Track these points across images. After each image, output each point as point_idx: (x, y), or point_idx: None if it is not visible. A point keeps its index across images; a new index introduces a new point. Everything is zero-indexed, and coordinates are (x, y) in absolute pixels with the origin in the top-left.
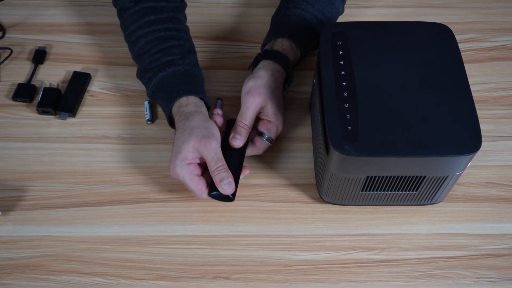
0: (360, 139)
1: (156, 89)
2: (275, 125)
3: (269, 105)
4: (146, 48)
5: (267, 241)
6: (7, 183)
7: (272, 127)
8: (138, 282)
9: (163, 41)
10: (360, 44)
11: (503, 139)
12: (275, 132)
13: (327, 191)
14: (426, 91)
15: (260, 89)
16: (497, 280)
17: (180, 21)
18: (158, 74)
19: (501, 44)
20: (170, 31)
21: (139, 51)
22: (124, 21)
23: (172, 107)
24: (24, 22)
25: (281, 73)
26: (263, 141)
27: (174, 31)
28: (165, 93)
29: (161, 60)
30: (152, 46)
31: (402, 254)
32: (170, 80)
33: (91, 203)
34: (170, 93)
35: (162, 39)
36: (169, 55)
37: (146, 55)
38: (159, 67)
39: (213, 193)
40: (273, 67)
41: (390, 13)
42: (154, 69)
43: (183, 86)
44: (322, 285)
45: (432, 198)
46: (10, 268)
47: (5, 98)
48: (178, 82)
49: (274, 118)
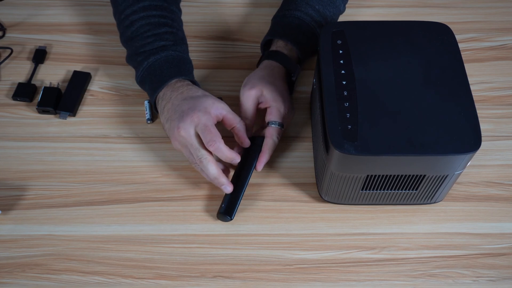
0: (360, 138)
1: (147, 71)
2: (275, 108)
3: (265, 92)
4: (140, 32)
5: (267, 240)
6: (7, 182)
7: (273, 110)
8: (138, 281)
9: (157, 27)
10: (360, 44)
11: (503, 139)
12: (279, 114)
13: (327, 190)
14: (426, 90)
15: (252, 81)
16: (497, 279)
17: (173, 12)
18: (151, 57)
19: (501, 44)
20: (164, 18)
21: (132, 34)
22: (118, 6)
23: (163, 88)
24: (25, 22)
25: (277, 66)
26: (271, 128)
27: (168, 19)
28: (156, 75)
29: (154, 45)
30: (146, 30)
31: (402, 253)
32: (162, 64)
33: (91, 202)
34: (162, 76)
35: (156, 24)
36: (163, 40)
37: (139, 38)
38: (152, 51)
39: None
40: (269, 64)
41: (390, 12)
42: (146, 53)
43: (175, 69)
44: (322, 285)
45: (432, 198)
46: (10, 267)
47: (5, 98)
48: (171, 66)
49: (272, 101)
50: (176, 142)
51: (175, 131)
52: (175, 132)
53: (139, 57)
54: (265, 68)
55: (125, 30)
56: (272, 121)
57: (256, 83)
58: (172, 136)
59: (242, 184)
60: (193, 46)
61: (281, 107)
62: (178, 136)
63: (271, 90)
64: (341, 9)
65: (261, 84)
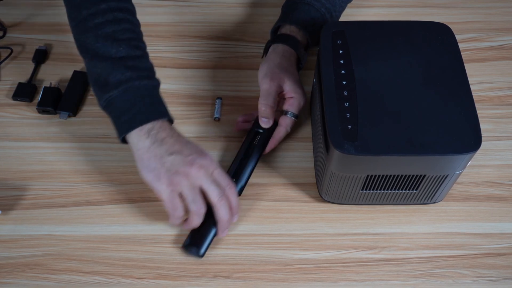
0: (360, 138)
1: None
2: (296, 100)
3: (287, 82)
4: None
5: (267, 240)
6: (7, 182)
7: (294, 102)
8: (138, 281)
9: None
10: (360, 44)
11: (503, 139)
12: (298, 106)
13: (327, 190)
14: (426, 90)
15: (274, 70)
16: (497, 279)
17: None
18: (113, 92)
19: (501, 44)
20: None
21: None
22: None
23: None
24: (25, 22)
25: (291, 53)
26: (287, 118)
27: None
28: (124, 113)
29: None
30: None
31: (402, 253)
32: (133, 105)
33: (91, 202)
34: (136, 120)
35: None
36: (137, 70)
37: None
38: (117, 83)
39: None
40: (282, 49)
41: (390, 12)
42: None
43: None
44: (322, 284)
45: (432, 197)
46: (10, 267)
47: (5, 98)
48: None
49: (293, 93)
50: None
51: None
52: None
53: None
54: (282, 54)
55: (75, 15)
56: (290, 111)
57: (277, 72)
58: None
59: (251, 166)
60: (193, 46)
61: (301, 100)
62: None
63: (293, 81)
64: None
65: (281, 74)
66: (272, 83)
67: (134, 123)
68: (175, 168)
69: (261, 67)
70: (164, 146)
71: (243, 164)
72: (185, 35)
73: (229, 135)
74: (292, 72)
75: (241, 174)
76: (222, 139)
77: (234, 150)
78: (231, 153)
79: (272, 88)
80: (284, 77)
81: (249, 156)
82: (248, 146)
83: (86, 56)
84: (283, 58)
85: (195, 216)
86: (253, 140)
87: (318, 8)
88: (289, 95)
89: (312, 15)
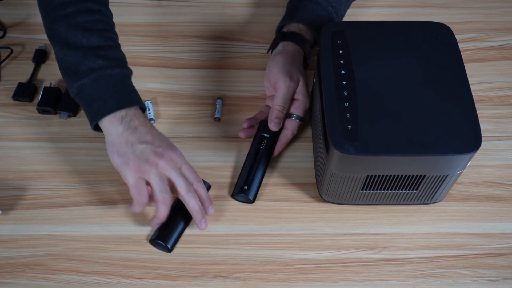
0: (360, 138)
1: (85, 97)
2: (303, 103)
3: (301, 84)
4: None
5: (267, 240)
6: (7, 182)
7: (300, 105)
8: (138, 281)
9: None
10: (360, 44)
11: (503, 139)
12: (304, 109)
13: (327, 190)
14: (426, 90)
15: (290, 71)
16: (497, 279)
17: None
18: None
19: (501, 44)
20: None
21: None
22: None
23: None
24: (25, 22)
25: (300, 52)
26: (293, 121)
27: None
28: (94, 101)
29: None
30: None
31: (402, 253)
32: (102, 93)
33: (91, 202)
34: (107, 107)
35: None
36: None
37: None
38: (87, 71)
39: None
40: (292, 48)
41: (390, 12)
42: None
43: (115, 101)
44: (322, 284)
45: (432, 198)
46: (10, 267)
47: (5, 98)
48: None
49: (302, 96)
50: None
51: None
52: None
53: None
54: (293, 53)
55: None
56: (295, 114)
57: (292, 72)
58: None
59: (264, 166)
60: (193, 46)
61: (307, 102)
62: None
63: (303, 83)
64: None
65: (297, 75)
66: (291, 84)
67: (106, 110)
68: (144, 156)
69: (274, 64)
70: (136, 134)
71: (253, 170)
72: (185, 35)
73: (229, 135)
74: (303, 73)
75: (253, 181)
76: (222, 139)
77: (234, 150)
78: (231, 153)
79: (291, 89)
80: (299, 78)
81: (258, 162)
82: (255, 152)
83: (56, 44)
84: (294, 57)
85: (162, 206)
86: (259, 145)
87: (325, 6)
88: (297, 97)
89: (320, 14)
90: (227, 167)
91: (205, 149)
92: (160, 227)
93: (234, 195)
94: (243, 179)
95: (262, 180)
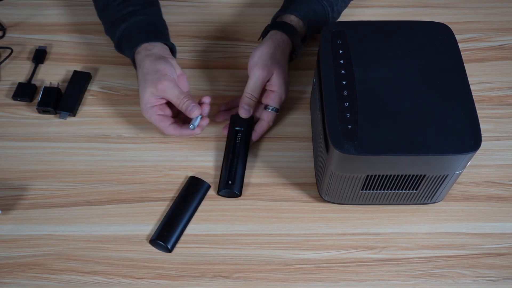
0: (360, 138)
1: (120, 41)
2: (278, 95)
3: (275, 76)
4: (110, 1)
5: (267, 240)
6: (7, 182)
7: (276, 96)
8: (138, 281)
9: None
10: (360, 43)
11: (503, 139)
12: (279, 101)
13: (327, 190)
14: (426, 90)
15: (266, 61)
16: (497, 279)
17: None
18: (120, 26)
19: (501, 44)
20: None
21: (104, 3)
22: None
23: (134, 55)
24: (25, 22)
25: (287, 43)
26: (269, 113)
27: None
28: (127, 41)
29: (123, 11)
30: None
31: (402, 253)
32: (132, 30)
33: (91, 202)
34: (133, 41)
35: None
36: (130, 5)
37: (111, 7)
38: (122, 18)
39: (222, 190)
40: (280, 37)
41: (390, 12)
42: (117, 22)
43: (143, 35)
44: (322, 284)
45: (432, 197)
46: (10, 267)
47: (5, 98)
48: (140, 30)
49: (277, 87)
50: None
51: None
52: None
53: (112, 27)
54: (277, 44)
55: (97, 2)
56: (271, 106)
57: (268, 63)
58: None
59: (244, 157)
60: (193, 46)
61: (283, 94)
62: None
63: (280, 74)
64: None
65: (272, 66)
66: (262, 74)
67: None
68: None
69: (254, 53)
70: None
71: (234, 164)
72: (185, 35)
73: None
74: (283, 65)
75: (236, 175)
76: (222, 139)
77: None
78: None
79: (261, 79)
80: (273, 69)
81: (237, 156)
82: (233, 146)
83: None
84: (278, 48)
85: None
86: (235, 139)
87: (320, 0)
88: (272, 88)
89: (313, 6)
90: None
91: (205, 149)
92: (160, 227)
93: (220, 191)
94: (225, 174)
95: (244, 172)
